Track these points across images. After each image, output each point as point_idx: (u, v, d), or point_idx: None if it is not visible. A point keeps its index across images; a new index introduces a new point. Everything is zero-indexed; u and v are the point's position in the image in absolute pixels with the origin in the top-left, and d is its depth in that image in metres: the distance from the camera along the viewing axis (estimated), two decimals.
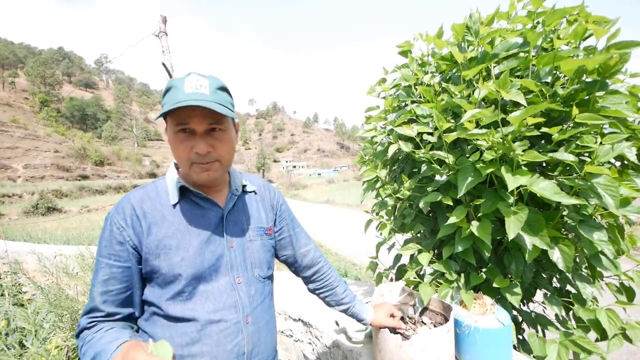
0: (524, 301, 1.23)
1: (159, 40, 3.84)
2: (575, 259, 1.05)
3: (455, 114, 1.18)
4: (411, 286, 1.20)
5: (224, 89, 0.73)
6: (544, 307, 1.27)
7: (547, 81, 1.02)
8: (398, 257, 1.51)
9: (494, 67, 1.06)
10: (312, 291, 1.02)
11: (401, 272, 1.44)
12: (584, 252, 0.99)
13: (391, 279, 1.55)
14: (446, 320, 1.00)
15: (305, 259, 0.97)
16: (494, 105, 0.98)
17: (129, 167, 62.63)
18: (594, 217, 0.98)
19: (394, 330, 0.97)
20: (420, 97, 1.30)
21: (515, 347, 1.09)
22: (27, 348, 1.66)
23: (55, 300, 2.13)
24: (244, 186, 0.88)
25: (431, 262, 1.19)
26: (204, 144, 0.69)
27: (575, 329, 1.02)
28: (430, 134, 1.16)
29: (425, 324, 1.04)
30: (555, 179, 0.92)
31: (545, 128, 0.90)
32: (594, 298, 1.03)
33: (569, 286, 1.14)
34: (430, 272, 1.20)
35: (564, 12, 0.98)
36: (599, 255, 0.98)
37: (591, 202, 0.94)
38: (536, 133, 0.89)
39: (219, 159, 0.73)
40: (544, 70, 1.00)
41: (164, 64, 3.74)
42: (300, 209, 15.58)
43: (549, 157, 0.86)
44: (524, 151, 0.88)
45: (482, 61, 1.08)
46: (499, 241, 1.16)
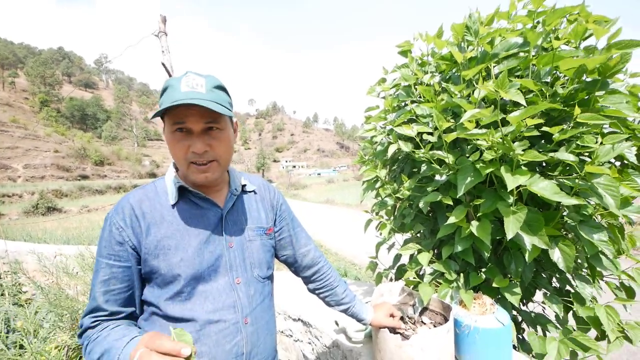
0: (524, 301, 1.23)
1: (158, 40, 3.83)
2: (576, 259, 1.05)
3: (455, 113, 1.18)
4: (411, 286, 1.20)
5: (221, 88, 0.72)
6: (544, 307, 1.27)
7: (547, 81, 1.02)
8: (398, 257, 1.51)
9: (493, 67, 1.06)
10: (312, 291, 1.02)
11: (401, 272, 1.44)
12: (584, 252, 0.99)
13: (391, 279, 1.55)
14: (446, 320, 1.00)
15: (306, 259, 0.97)
16: (494, 105, 0.98)
17: (128, 167, 62.63)
18: (594, 217, 0.97)
19: (393, 330, 0.97)
20: (420, 97, 1.30)
21: (514, 347, 1.09)
22: (26, 349, 1.66)
23: (55, 300, 2.13)
24: (243, 186, 0.87)
25: (431, 262, 1.18)
26: (200, 143, 0.69)
27: (575, 330, 1.02)
28: (430, 133, 1.16)
29: (425, 323, 1.04)
30: (555, 179, 0.92)
31: (546, 127, 0.90)
32: (593, 298, 1.03)
33: (568, 286, 1.14)
34: (430, 272, 1.19)
35: (564, 11, 0.97)
36: (599, 256, 0.97)
37: (591, 202, 0.94)
38: (536, 133, 0.89)
39: (216, 158, 0.73)
40: (544, 70, 1.00)
41: (163, 64, 3.73)
42: (300, 208, 15.58)
43: (548, 157, 0.86)
44: (523, 151, 0.87)
45: (482, 61, 1.08)
46: (499, 241, 1.16)
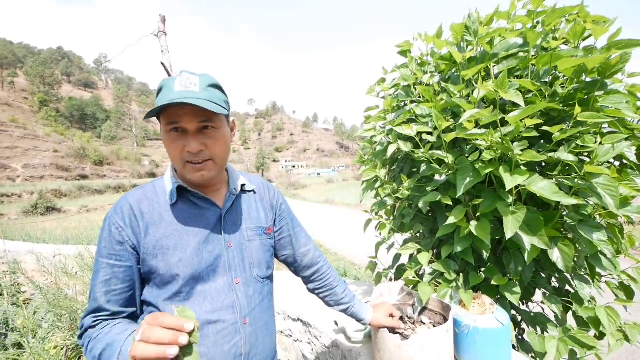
0: (523, 301, 1.23)
1: (158, 40, 3.83)
2: (575, 258, 1.05)
3: (454, 113, 1.18)
4: (410, 286, 1.20)
5: (217, 86, 0.72)
6: (542, 308, 1.27)
7: (547, 81, 1.02)
8: (397, 257, 1.51)
9: (493, 67, 1.06)
10: (312, 291, 1.02)
11: (400, 272, 1.44)
12: (583, 252, 0.99)
13: (390, 279, 1.55)
14: (445, 320, 1.00)
15: (305, 258, 0.97)
16: (493, 105, 0.98)
17: (128, 166, 62.56)
18: (593, 216, 0.97)
19: (393, 330, 0.97)
20: (419, 96, 1.30)
21: (514, 347, 1.09)
22: (26, 348, 1.66)
23: (54, 300, 2.13)
24: (242, 185, 0.87)
25: (430, 262, 1.18)
26: (195, 142, 0.68)
27: (574, 330, 1.02)
28: (430, 133, 1.16)
29: (424, 323, 1.04)
30: (554, 179, 0.92)
31: (546, 127, 0.90)
32: (592, 298, 1.03)
33: (568, 286, 1.14)
34: (430, 271, 1.19)
35: (564, 11, 0.97)
36: (599, 255, 0.97)
37: (590, 202, 0.94)
38: (535, 134, 0.89)
39: (212, 157, 0.72)
40: (544, 70, 1.00)
41: (163, 64, 3.73)
42: (299, 208, 15.58)
43: (547, 156, 0.86)
44: (522, 151, 0.87)
45: (482, 61, 1.08)
46: (498, 241, 1.16)
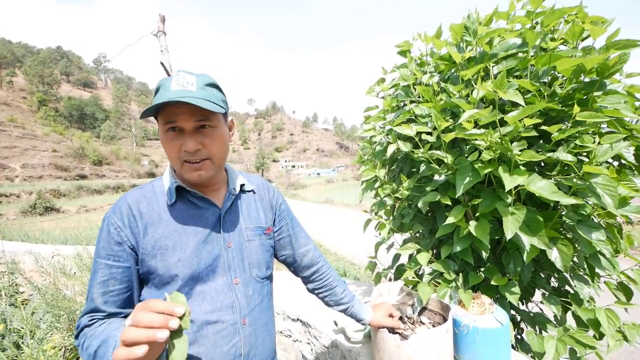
0: (523, 301, 1.23)
1: (157, 39, 3.82)
2: (574, 258, 1.05)
3: (453, 113, 1.18)
4: (410, 286, 1.20)
5: (214, 86, 0.72)
6: (541, 308, 1.27)
7: (546, 81, 1.02)
8: (397, 257, 1.51)
9: (492, 67, 1.06)
10: (311, 291, 1.01)
11: (400, 272, 1.44)
12: (582, 252, 0.99)
13: (390, 279, 1.55)
14: (445, 320, 1.00)
15: (305, 258, 0.97)
16: (492, 106, 0.98)
17: (127, 166, 62.45)
18: (592, 216, 0.98)
19: (392, 330, 0.97)
20: (419, 96, 1.30)
21: (513, 347, 1.09)
22: (23, 350, 1.65)
23: (53, 301, 2.12)
24: (242, 185, 0.87)
25: (430, 262, 1.18)
26: (192, 141, 0.68)
27: (573, 330, 1.02)
28: (429, 133, 1.16)
29: (424, 323, 1.04)
30: (553, 179, 0.92)
31: (545, 127, 0.90)
32: (591, 298, 1.03)
33: (567, 286, 1.14)
34: (429, 271, 1.19)
35: (562, 12, 0.98)
36: (597, 255, 0.98)
37: (589, 201, 0.94)
38: (533, 133, 0.89)
39: (209, 156, 0.72)
40: (542, 70, 1.00)
41: (162, 64, 3.73)
42: (299, 208, 15.58)
43: (546, 156, 0.86)
44: (521, 151, 0.88)
45: (481, 61, 1.08)
46: (498, 241, 1.16)
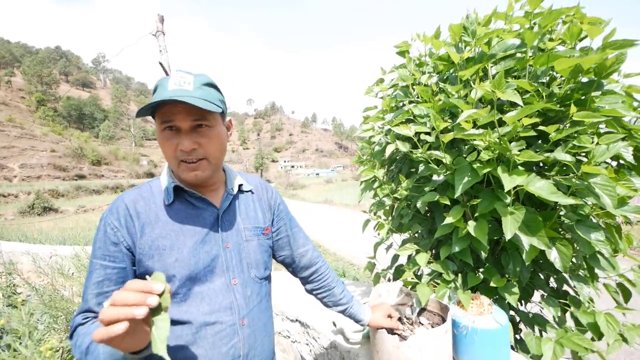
0: (522, 301, 1.23)
1: (156, 39, 3.82)
2: (573, 259, 1.05)
3: (452, 114, 1.18)
4: (409, 286, 1.20)
5: (212, 85, 0.72)
6: (541, 308, 1.27)
7: (544, 81, 1.02)
8: (396, 258, 1.51)
9: (491, 67, 1.06)
10: (310, 292, 1.01)
11: (399, 273, 1.44)
12: (581, 252, 0.99)
13: (389, 279, 1.54)
14: (444, 321, 1.00)
15: (303, 259, 0.97)
16: (491, 106, 0.98)
17: (126, 166, 62.28)
18: (591, 217, 0.98)
19: (391, 331, 0.97)
20: (417, 97, 1.30)
21: (512, 348, 1.09)
22: (20, 351, 1.64)
23: (50, 302, 2.11)
24: (240, 185, 0.87)
25: (429, 263, 1.18)
26: (188, 141, 0.68)
27: (573, 331, 1.02)
28: (428, 133, 1.16)
29: (422, 324, 1.04)
30: (552, 179, 0.92)
31: (543, 127, 0.90)
32: (590, 299, 1.03)
33: (566, 286, 1.14)
34: (428, 272, 1.19)
35: (560, 13, 0.98)
36: (597, 256, 0.98)
37: (588, 202, 0.94)
38: (532, 133, 0.89)
39: (205, 156, 0.72)
40: (541, 70, 1.00)
41: (161, 64, 3.72)
42: (298, 208, 15.59)
43: (545, 156, 0.86)
44: (520, 151, 0.88)
45: (479, 61, 1.08)
46: (497, 241, 1.16)
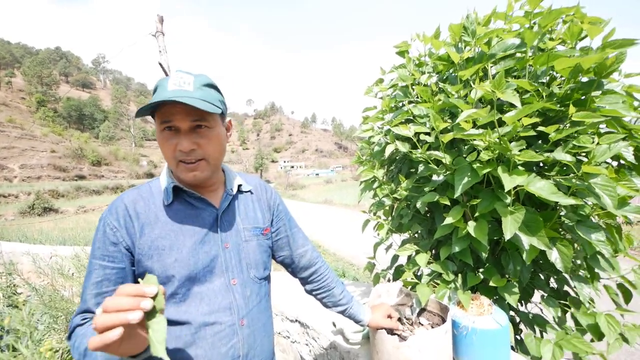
0: (522, 302, 1.23)
1: (156, 40, 3.82)
2: (574, 259, 1.04)
3: (452, 114, 1.18)
4: (408, 287, 1.20)
5: (212, 86, 0.72)
6: (541, 308, 1.27)
7: (544, 81, 1.02)
8: (395, 258, 1.51)
9: (491, 67, 1.06)
10: (309, 292, 1.01)
11: (399, 273, 1.44)
12: (582, 253, 0.98)
13: (389, 280, 1.54)
14: (444, 321, 1.00)
15: (303, 259, 0.96)
16: (490, 106, 0.98)
17: (126, 167, 62.27)
18: (592, 217, 0.97)
19: (391, 331, 0.96)
20: (417, 97, 1.30)
21: (513, 348, 1.08)
22: (21, 351, 1.64)
23: (50, 302, 2.11)
24: (239, 186, 0.87)
25: (429, 263, 1.18)
26: (187, 141, 0.68)
27: (573, 332, 1.01)
28: (427, 134, 1.16)
29: (422, 325, 1.04)
30: (552, 179, 0.92)
31: (542, 127, 0.90)
32: (591, 300, 1.03)
33: (566, 286, 1.14)
34: (428, 272, 1.19)
35: (560, 12, 0.98)
36: (597, 256, 0.97)
37: (588, 202, 0.94)
38: (532, 133, 0.89)
39: (204, 157, 0.72)
40: (541, 70, 1.00)
41: (160, 64, 3.72)
42: (298, 209, 15.59)
43: (545, 157, 0.86)
44: (520, 151, 0.87)
45: (479, 61, 1.08)
46: (497, 241, 1.16)
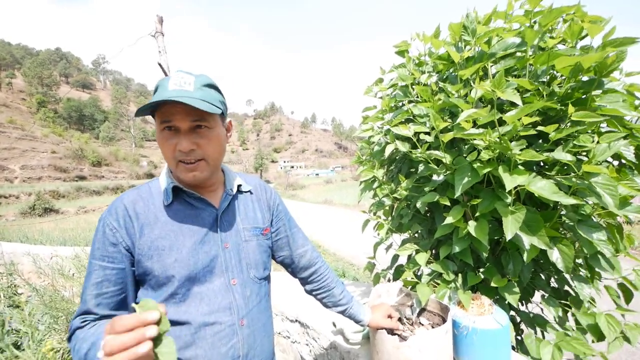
0: (523, 302, 1.22)
1: (155, 40, 3.82)
2: (574, 259, 1.04)
3: (452, 113, 1.18)
4: (409, 287, 1.20)
5: (212, 86, 0.72)
6: (542, 309, 1.27)
7: (544, 80, 1.02)
8: (395, 258, 1.50)
9: (491, 66, 1.05)
10: (309, 292, 1.01)
11: (399, 273, 1.44)
12: (582, 252, 0.98)
13: (389, 280, 1.54)
14: (444, 321, 0.99)
15: (303, 259, 0.96)
16: (491, 105, 0.98)
17: (126, 167, 62.29)
18: (592, 216, 0.97)
19: (391, 332, 0.96)
20: (417, 96, 1.29)
21: (513, 348, 1.08)
22: (23, 350, 1.64)
23: (51, 302, 2.11)
24: (239, 186, 0.87)
25: (429, 263, 1.18)
26: (187, 141, 0.68)
27: (573, 331, 1.01)
28: (427, 133, 1.15)
29: (422, 325, 1.04)
30: (553, 179, 0.91)
31: (541, 127, 0.90)
32: (591, 299, 1.02)
33: (567, 286, 1.13)
34: (428, 272, 1.19)
35: (560, 11, 0.97)
36: (598, 256, 0.97)
37: (589, 201, 0.94)
38: (532, 132, 0.88)
39: (204, 157, 0.72)
40: (541, 69, 1.00)
41: (160, 65, 3.72)
42: (298, 209, 15.59)
43: (546, 156, 0.85)
44: (521, 150, 0.87)
45: (479, 60, 1.08)
46: (497, 241, 1.15)
